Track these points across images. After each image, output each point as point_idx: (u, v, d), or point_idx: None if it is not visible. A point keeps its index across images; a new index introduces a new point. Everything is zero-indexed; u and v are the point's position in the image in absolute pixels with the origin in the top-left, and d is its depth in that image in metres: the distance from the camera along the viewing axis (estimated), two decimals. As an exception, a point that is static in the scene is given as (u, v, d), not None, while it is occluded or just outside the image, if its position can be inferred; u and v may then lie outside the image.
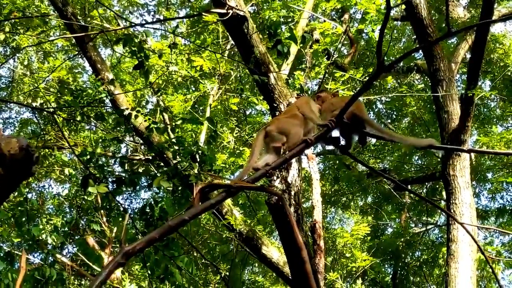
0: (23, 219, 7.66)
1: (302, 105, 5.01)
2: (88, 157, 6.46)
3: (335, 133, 4.89)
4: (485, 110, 19.19)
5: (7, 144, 3.20)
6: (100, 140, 10.06)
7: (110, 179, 6.90)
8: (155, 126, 6.63)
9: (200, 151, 6.20)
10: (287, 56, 10.10)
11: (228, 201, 12.49)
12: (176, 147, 6.17)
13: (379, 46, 4.22)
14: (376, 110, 20.78)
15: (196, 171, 5.95)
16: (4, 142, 3.27)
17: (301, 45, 10.06)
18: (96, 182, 6.44)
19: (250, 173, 4.71)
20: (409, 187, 19.42)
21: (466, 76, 12.53)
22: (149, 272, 6.40)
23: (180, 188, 5.95)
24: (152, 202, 6.26)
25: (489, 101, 19.02)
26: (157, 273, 6.31)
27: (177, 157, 6.13)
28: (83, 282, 16.62)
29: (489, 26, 10.73)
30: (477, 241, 5.86)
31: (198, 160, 6.14)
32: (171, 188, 5.99)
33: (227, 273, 14.81)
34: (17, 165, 3.24)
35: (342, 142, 4.98)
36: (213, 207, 4.46)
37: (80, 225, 14.30)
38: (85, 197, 7.74)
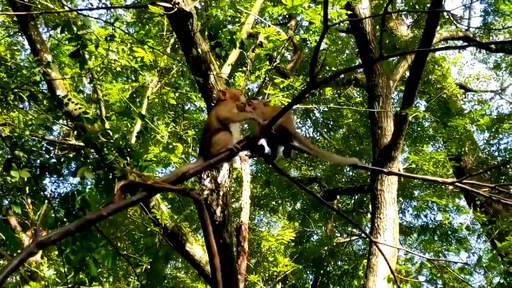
0: None
1: (220, 112, 4.92)
2: (15, 140, 6.35)
3: (262, 142, 4.92)
4: (418, 129, 19.57)
5: None
6: (30, 123, 9.85)
7: (35, 164, 6.79)
8: (86, 116, 6.56)
9: (128, 146, 6.17)
10: (225, 59, 10.12)
11: (157, 195, 12.40)
12: (104, 139, 6.12)
13: (313, 63, 4.25)
14: (313, 118, 21.01)
15: (122, 165, 5.92)
16: None
17: (240, 50, 10.09)
18: (21, 165, 6.33)
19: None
20: (338, 197, 19.79)
21: (402, 94, 12.77)
22: (64, 260, 6.33)
23: (104, 180, 5.90)
24: (75, 193, 6.21)
25: (423, 120, 19.40)
26: (73, 263, 6.26)
27: (104, 149, 6.08)
28: (1, 262, 16.28)
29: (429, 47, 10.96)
30: (388, 259, 6.00)
31: (126, 154, 6.12)
32: (94, 179, 5.96)
33: (149, 266, 14.72)
34: None
35: (269, 151, 5.01)
36: (133, 204, 4.47)
37: (3, 204, 13.98)
38: (8, 178, 7.61)
